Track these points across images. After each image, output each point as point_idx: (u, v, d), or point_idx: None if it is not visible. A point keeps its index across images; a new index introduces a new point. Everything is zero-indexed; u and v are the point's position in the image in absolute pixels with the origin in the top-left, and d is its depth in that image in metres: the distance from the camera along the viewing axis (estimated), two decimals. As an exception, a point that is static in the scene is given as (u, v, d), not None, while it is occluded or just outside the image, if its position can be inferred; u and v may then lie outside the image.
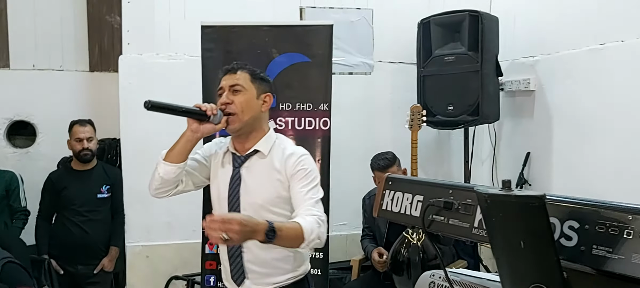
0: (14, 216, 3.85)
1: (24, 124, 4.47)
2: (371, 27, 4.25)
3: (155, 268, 3.86)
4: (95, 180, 3.79)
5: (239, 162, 2.06)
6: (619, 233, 0.89)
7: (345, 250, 3.99)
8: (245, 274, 2.06)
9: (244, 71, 2.05)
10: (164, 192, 2.06)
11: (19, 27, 4.41)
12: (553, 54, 3.66)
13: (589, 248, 0.93)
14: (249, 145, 2.06)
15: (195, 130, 1.98)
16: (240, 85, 2.01)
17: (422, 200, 1.30)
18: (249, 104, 2.01)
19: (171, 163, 1.99)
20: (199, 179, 2.14)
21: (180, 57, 3.86)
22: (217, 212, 2.08)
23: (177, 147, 2.00)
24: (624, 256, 0.88)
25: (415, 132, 3.45)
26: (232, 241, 1.65)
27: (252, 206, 2.00)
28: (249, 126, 2.03)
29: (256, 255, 2.04)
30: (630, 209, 0.89)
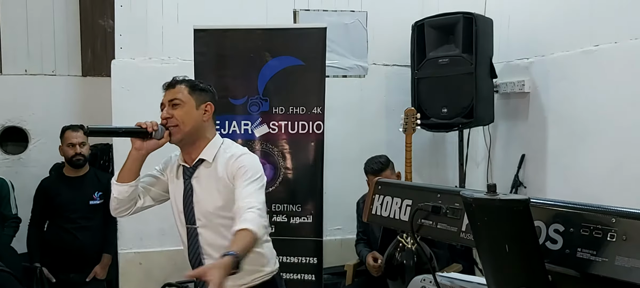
0: (5, 224, 3.81)
1: (16, 129, 4.45)
2: (365, 29, 4.24)
3: (148, 275, 3.83)
4: (87, 187, 3.76)
5: (189, 174, 2.12)
6: (602, 236, 0.88)
7: (339, 255, 3.96)
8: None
9: (183, 84, 2.11)
10: (123, 211, 2.15)
11: (11, 32, 4.40)
12: (547, 55, 3.65)
13: (573, 251, 0.92)
14: (195, 155, 2.12)
15: (139, 147, 2.05)
16: (179, 99, 2.07)
17: (410, 205, 1.29)
18: (189, 115, 2.07)
19: (123, 183, 2.07)
20: (157, 194, 2.21)
21: (174, 61, 3.85)
22: (177, 222, 2.17)
23: (126, 166, 2.08)
24: (608, 258, 0.87)
25: (409, 135, 3.44)
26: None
27: (204, 214, 2.09)
28: (192, 136, 2.09)
29: (216, 260, 2.03)
30: (613, 212, 0.88)
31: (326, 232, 3.83)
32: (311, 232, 3.36)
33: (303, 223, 3.37)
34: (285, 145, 3.39)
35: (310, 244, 3.36)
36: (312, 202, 3.38)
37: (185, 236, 2.13)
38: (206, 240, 2.09)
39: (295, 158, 3.37)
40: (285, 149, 3.37)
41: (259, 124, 3.41)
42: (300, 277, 3.33)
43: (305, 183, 3.39)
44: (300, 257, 3.34)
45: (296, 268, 3.32)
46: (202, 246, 2.10)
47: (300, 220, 3.36)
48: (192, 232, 2.11)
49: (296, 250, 3.33)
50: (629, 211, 0.87)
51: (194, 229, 2.10)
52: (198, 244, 2.10)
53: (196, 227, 2.10)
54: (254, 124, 3.40)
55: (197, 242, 2.10)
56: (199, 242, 2.10)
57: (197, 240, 2.10)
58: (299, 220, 3.36)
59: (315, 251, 3.35)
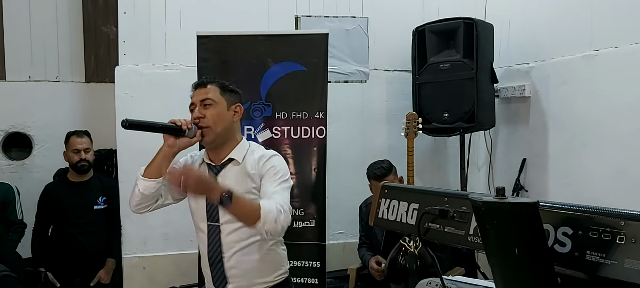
0: (10, 229, 3.84)
1: (20, 135, 4.47)
2: (366, 35, 4.27)
3: (152, 279, 3.86)
4: (91, 192, 3.80)
5: (215, 171, 2.13)
6: (611, 239, 0.90)
7: (342, 259, 3.99)
8: (227, 279, 2.11)
9: (214, 84, 2.12)
10: (144, 207, 2.13)
11: (15, 39, 4.43)
12: (548, 60, 3.67)
13: (582, 254, 0.93)
14: (223, 155, 2.13)
15: (172, 144, 2.05)
16: (211, 99, 2.08)
17: (417, 208, 1.30)
18: (221, 116, 2.09)
19: (150, 179, 2.06)
20: (177, 192, 2.18)
21: (177, 67, 3.88)
22: (196, 219, 2.17)
23: (155, 162, 2.07)
24: (617, 261, 0.88)
25: (411, 139, 3.46)
26: (189, 188, 1.80)
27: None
28: (223, 137, 2.11)
29: (236, 261, 2.10)
30: (622, 215, 0.90)
31: (329, 236, 3.85)
32: (314, 236, 3.39)
33: (306, 227, 3.39)
34: (288, 150, 3.42)
35: (313, 248, 3.39)
36: (314, 206, 3.40)
37: (206, 233, 2.13)
38: (227, 239, 2.09)
39: (298, 163, 3.40)
40: (287, 154, 3.40)
41: (261, 129, 3.44)
42: (303, 281, 3.35)
43: (308, 188, 3.42)
44: (304, 261, 3.36)
45: (299, 272, 3.34)
46: (223, 244, 2.10)
47: (303, 224, 3.39)
48: (214, 230, 2.11)
49: (299, 254, 3.35)
50: (638, 214, 0.89)
51: (217, 227, 2.10)
52: (219, 242, 2.10)
53: (219, 224, 2.10)
54: (256, 129, 3.43)
55: (218, 240, 2.10)
56: (220, 240, 2.10)
57: (219, 237, 2.10)
58: (301, 224, 3.39)
59: (318, 255, 3.38)
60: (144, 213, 2.21)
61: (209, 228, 2.13)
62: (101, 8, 4.49)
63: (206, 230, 2.13)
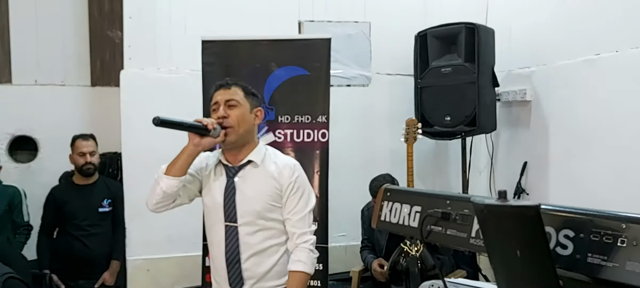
0: (17, 231, 3.86)
1: (26, 138, 4.50)
2: (369, 39, 4.31)
3: (156, 281, 3.88)
4: (96, 194, 3.82)
5: (233, 172, 2.15)
6: (613, 242, 0.92)
7: (344, 261, 4.01)
8: (244, 280, 2.15)
9: (238, 87, 2.14)
10: (163, 206, 2.12)
11: (21, 43, 4.46)
12: (549, 64, 3.70)
13: (584, 256, 0.96)
14: (241, 157, 2.15)
15: (197, 144, 2.05)
16: (236, 100, 2.10)
17: (420, 211, 1.33)
18: (244, 118, 2.11)
19: (173, 177, 2.05)
20: (192, 192, 2.21)
21: (181, 71, 3.91)
22: (213, 219, 2.18)
23: (179, 161, 2.06)
24: (618, 263, 0.91)
25: (410, 144, 3.49)
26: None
27: (249, 213, 2.11)
28: (244, 138, 2.13)
29: (253, 262, 2.14)
30: (623, 218, 0.93)
31: (331, 239, 3.85)
32: (317, 238, 3.38)
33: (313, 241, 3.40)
34: (291, 153, 3.43)
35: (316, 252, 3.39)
36: (317, 209, 3.41)
37: (223, 234, 2.14)
38: (245, 240, 2.11)
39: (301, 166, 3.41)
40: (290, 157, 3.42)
41: (265, 132, 3.46)
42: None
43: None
44: (307, 263, 3.36)
45: (303, 274, 3.35)
46: (240, 245, 2.12)
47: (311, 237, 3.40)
48: (231, 230, 2.12)
49: (303, 257, 3.36)
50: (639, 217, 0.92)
51: (235, 227, 2.12)
52: (237, 243, 2.12)
53: (237, 225, 2.11)
54: (260, 132, 3.45)
55: (236, 240, 2.12)
56: (238, 241, 2.12)
57: (237, 238, 2.12)
58: (305, 227, 3.40)
59: (321, 257, 3.35)
60: (148, 215, 2.23)
61: (226, 229, 2.13)
62: (107, 13, 4.52)
63: (224, 230, 2.14)
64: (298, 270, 2.09)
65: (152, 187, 2.10)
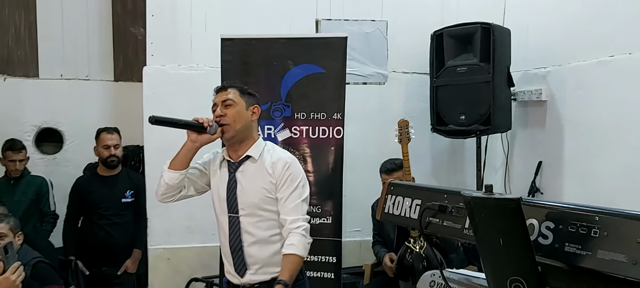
0: (44, 219, 4.02)
1: (52, 131, 4.67)
2: (385, 38, 4.34)
3: (175, 270, 3.99)
4: (120, 186, 3.94)
5: (234, 168, 2.32)
6: (587, 232, 0.99)
7: (358, 256, 4.07)
8: (247, 266, 2.30)
9: (234, 88, 2.32)
10: (169, 197, 2.33)
11: (48, 39, 4.63)
12: (564, 65, 3.72)
13: (562, 245, 1.03)
14: (241, 152, 2.31)
15: (195, 140, 2.25)
16: (231, 100, 2.27)
17: (420, 204, 1.41)
18: (240, 115, 2.27)
19: (174, 171, 2.26)
20: (199, 185, 2.40)
21: (201, 68, 4.01)
22: (219, 211, 2.35)
23: (179, 156, 2.27)
24: (591, 252, 0.98)
25: (405, 144, 3.54)
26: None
27: (248, 205, 2.28)
28: (241, 134, 2.29)
29: (255, 250, 2.30)
30: (597, 211, 1.00)
31: (345, 234, 3.93)
32: (331, 232, 3.48)
33: (323, 223, 3.49)
34: (306, 149, 3.52)
35: (329, 244, 3.48)
36: (331, 203, 3.50)
37: (227, 224, 2.31)
38: (246, 229, 2.28)
39: (316, 162, 3.50)
40: (306, 153, 3.50)
41: (281, 129, 3.54)
42: (320, 275, 3.45)
43: (325, 186, 3.51)
44: (320, 256, 3.45)
45: (316, 266, 3.43)
46: (242, 234, 2.28)
47: (320, 221, 3.49)
48: (234, 221, 2.29)
49: (316, 249, 3.42)
50: (610, 210, 0.99)
51: (236, 218, 2.29)
52: (239, 232, 2.28)
53: (238, 215, 2.28)
54: (276, 128, 3.54)
55: (238, 230, 2.28)
56: (240, 230, 2.28)
57: (239, 228, 2.28)
58: (318, 220, 3.48)
59: (335, 250, 3.47)
60: (169, 205, 2.42)
61: (230, 219, 2.30)
62: (130, 10, 4.67)
63: (227, 221, 2.31)
64: (291, 253, 2.20)
65: (158, 179, 2.31)
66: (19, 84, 4.59)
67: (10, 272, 2.24)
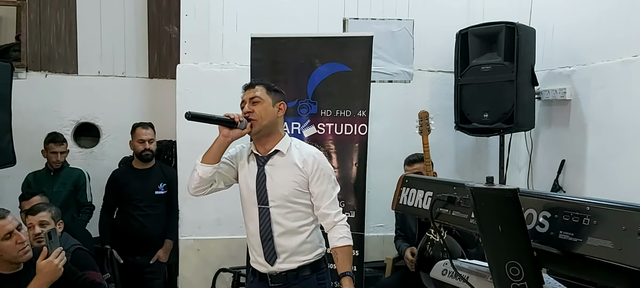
0: (81, 210, 4.21)
1: (89, 125, 4.88)
2: (411, 37, 4.39)
3: (205, 260, 4.13)
4: (153, 178, 4.10)
5: (263, 161, 2.44)
6: (579, 221, 1.08)
7: (381, 251, 4.15)
8: (277, 255, 2.41)
9: (261, 85, 2.44)
10: (201, 190, 2.46)
11: (87, 37, 4.83)
12: (588, 64, 3.74)
13: (557, 233, 1.12)
14: (269, 147, 2.43)
15: (226, 135, 2.37)
16: (259, 97, 2.40)
17: (431, 196, 1.51)
18: (267, 111, 2.39)
19: (207, 165, 2.39)
20: (228, 179, 2.52)
21: (232, 66, 4.14)
22: (247, 202, 2.47)
23: (211, 150, 2.40)
24: (582, 239, 1.07)
25: (425, 135, 3.61)
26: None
27: (278, 197, 2.39)
28: (268, 129, 2.41)
29: (284, 239, 2.41)
30: (588, 202, 1.09)
31: (369, 229, 4.02)
32: (354, 226, 3.51)
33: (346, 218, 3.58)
34: (332, 145, 3.62)
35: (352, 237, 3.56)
36: (354, 198, 3.59)
37: (257, 215, 2.43)
38: (276, 220, 2.40)
39: (340, 158, 3.60)
40: (331, 149, 3.60)
41: (307, 125, 3.65)
42: (343, 267, 3.55)
43: (349, 181, 3.60)
44: (343, 249, 3.54)
45: (339, 258, 3.53)
46: (272, 224, 2.40)
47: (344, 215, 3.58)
48: (264, 212, 2.41)
49: (340, 242, 3.55)
50: (600, 201, 1.08)
51: (267, 209, 2.41)
52: (269, 223, 2.40)
53: (268, 207, 2.40)
54: (303, 124, 3.65)
55: (268, 220, 2.40)
56: (270, 221, 2.40)
57: (269, 219, 2.40)
58: (342, 215, 3.58)
59: (358, 244, 3.55)
60: (200, 199, 2.56)
61: (260, 211, 2.42)
62: (164, 9, 4.85)
63: (257, 212, 2.43)
64: (345, 245, 2.38)
65: (191, 174, 2.44)
66: (59, 80, 4.79)
67: (54, 257, 2.40)
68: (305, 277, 2.43)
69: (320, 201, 2.40)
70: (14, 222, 2.44)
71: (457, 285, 1.58)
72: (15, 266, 2.46)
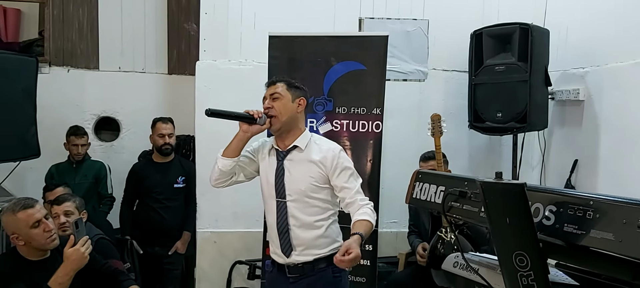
0: (101, 201, 4.32)
1: (109, 119, 4.99)
2: (426, 36, 4.44)
3: (221, 252, 4.22)
4: (172, 172, 4.18)
5: (282, 156, 2.52)
6: (583, 215, 1.15)
7: (394, 246, 4.21)
8: (293, 247, 2.49)
9: (281, 82, 2.51)
10: (221, 182, 2.56)
11: (108, 34, 4.94)
12: (602, 66, 3.76)
13: (562, 226, 1.19)
14: (288, 142, 2.50)
15: (246, 130, 2.47)
16: (278, 93, 2.47)
17: (443, 190, 1.58)
18: (286, 107, 2.47)
19: (228, 158, 2.48)
20: (248, 172, 2.61)
21: (250, 63, 4.23)
22: (266, 195, 2.55)
23: (232, 144, 2.49)
24: (585, 231, 1.14)
25: (437, 138, 3.65)
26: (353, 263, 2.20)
27: (295, 191, 2.47)
28: (288, 125, 2.48)
29: (300, 232, 2.49)
30: (592, 197, 1.15)
31: (383, 224, 4.08)
32: None
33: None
34: (346, 142, 3.69)
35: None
36: (368, 194, 3.59)
37: (275, 208, 2.51)
38: (292, 213, 2.48)
39: (355, 154, 3.65)
40: (346, 145, 3.66)
41: (323, 122, 3.72)
42: (356, 262, 3.62)
43: (363, 177, 3.62)
44: (357, 243, 3.61)
45: (353, 253, 3.60)
46: (289, 218, 2.48)
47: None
48: (281, 205, 2.49)
49: (353, 237, 3.61)
50: (602, 196, 1.15)
51: (284, 203, 2.49)
52: (286, 216, 2.48)
53: (286, 200, 2.48)
54: (318, 121, 3.73)
55: (285, 214, 2.48)
56: (287, 214, 2.48)
57: (286, 212, 2.48)
58: (356, 210, 3.65)
59: (371, 239, 3.61)
60: (217, 192, 2.64)
61: (278, 204, 2.51)
62: (184, 7, 4.94)
63: (275, 205, 2.51)
64: (365, 219, 2.38)
65: (212, 166, 2.53)
66: (81, 75, 4.90)
67: (80, 245, 2.49)
68: (321, 269, 2.49)
69: (344, 193, 2.45)
70: (42, 211, 2.54)
71: (467, 276, 1.64)
72: (42, 253, 2.56)
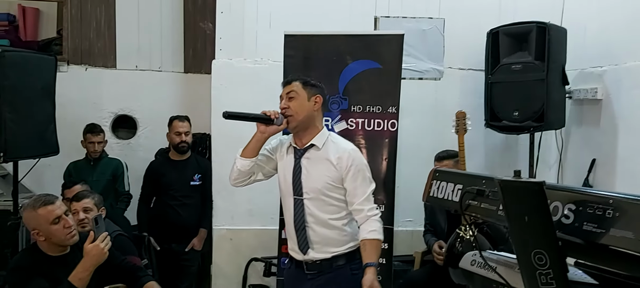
0: (118, 199, 4.36)
1: (126, 117, 5.04)
2: (442, 35, 4.43)
3: (237, 250, 4.26)
4: (189, 170, 4.22)
5: (299, 154, 2.54)
6: (603, 214, 1.15)
7: (409, 245, 4.21)
8: (309, 244, 2.51)
9: (297, 81, 2.52)
10: (241, 181, 2.59)
11: (125, 32, 4.99)
12: (620, 64, 3.73)
13: (581, 224, 1.19)
14: (306, 140, 2.52)
15: (263, 131, 2.49)
16: (294, 92, 2.49)
17: (461, 188, 1.59)
18: (302, 106, 2.48)
19: (246, 158, 2.51)
20: (267, 170, 2.63)
21: (265, 62, 4.25)
22: (284, 192, 2.58)
23: (250, 145, 2.51)
24: (605, 229, 1.13)
25: (461, 135, 3.65)
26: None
27: (312, 189, 2.49)
28: (305, 124, 2.50)
29: (317, 230, 2.51)
30: (611, 196, 1.15)
31: (398, 223, 4.08)
32: (383, 220, 3.58)
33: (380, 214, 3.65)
34: (362, 140, 3.69)
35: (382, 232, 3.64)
36: (384, 193, 3.66)
37: (292, 205, 2.54)
38: (309, 211, 2.50)
39: (370, 153, 3.65)
40: (361, 144, 3.66)
41: (338, 120, 3.73)
42: (372, 260, 3.63)
43: (379, 176, 3.63)
44: (373, 241, 3.62)
45: (368, 251, 3.60)
46: (306, 215, 2.50)
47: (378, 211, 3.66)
48: (299, 203, 2.52)
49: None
50: (622, 194, 1.14)
51: (301, 200, 2.51)
52: (303, 213, 2.51)
53: (303, 198, 2.51)
54: (334, 120, 3.73)
55: (302, 211, 2.51)
56: (304, 212, 2.50)
57: (303, 209, 2.51)
58: (372, 208, 3.65)
59: (387, 237, 3.59)
60: (232, 190, 2.67)
61: (295, 201, 2.53)
62: (200, 6, 4.98)
63: (292, 202, 2.54)
64: (374, 238, 2.43)
65: (232, 166, 2.56)
66: (98, 73, 4.96)
67: (100, 241, 2.53)
68: (339, 266, 2.51)
69: (353, 197, 2.47)
70: (62, 207, 2.58)
71: (485, 275, 1.64)
72: (62, 249, 2.60)
